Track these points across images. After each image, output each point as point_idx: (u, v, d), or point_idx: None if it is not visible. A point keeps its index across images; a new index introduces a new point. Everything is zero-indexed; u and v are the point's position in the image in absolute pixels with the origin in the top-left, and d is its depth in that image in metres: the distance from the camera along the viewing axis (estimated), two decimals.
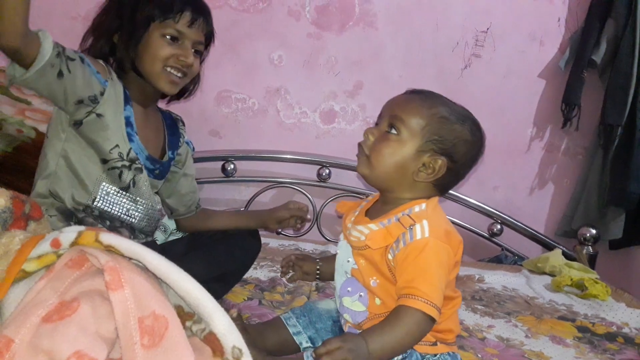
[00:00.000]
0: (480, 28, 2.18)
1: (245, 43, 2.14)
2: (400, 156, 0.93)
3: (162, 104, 1.34)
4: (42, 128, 1.53)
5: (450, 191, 2.12)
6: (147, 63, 1.15)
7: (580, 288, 1.75)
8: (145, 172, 1.21)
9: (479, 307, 1.54)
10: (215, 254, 1.25)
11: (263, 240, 1.42)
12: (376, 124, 0.98)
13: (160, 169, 1.27)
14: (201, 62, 1.24)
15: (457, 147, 0.93)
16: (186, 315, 0.63)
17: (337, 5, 2.15)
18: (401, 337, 0.84)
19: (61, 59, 1.03)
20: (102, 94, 1.11)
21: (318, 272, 1.14)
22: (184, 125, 1.40)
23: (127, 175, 1.17)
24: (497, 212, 2.16)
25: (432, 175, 0.93)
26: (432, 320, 0.85)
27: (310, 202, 2.10)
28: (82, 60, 1.08)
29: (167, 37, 1.14)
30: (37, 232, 0.71)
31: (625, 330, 1.48)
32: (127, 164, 1.16)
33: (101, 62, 1.15)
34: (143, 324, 0.57)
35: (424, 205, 0.93)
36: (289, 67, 2.17)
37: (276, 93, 2.19)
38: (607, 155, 2.13)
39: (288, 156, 2.13)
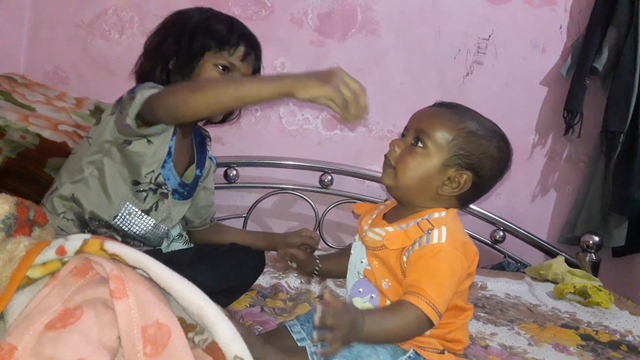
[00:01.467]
0: (482, 35, 2.19)
1: None
2: (425, 169, 0.93)
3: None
4: (46, 134, 1.53)
5: None
6: None
7: (583, 295, 1.75)
8: (170, 197, 1.22)
9: (482, 314, 1.54)
10: (221, 267, 1.25)
11: None
12: (402, 135, 0.98)
13: (188, 190, 1.29)
14: None
15: (483, 162, 0.94)
16: (188, 327, 0.63)
17: (339, 13, 2.16)
18: (396, 328, 0.83)
19: None
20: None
21: (317, 270, 1.11)
22: (210, 140, 1.41)
23: (151, 199, 1.18)
24: (500, 219, 2.16)
25: (457, 189, 0.94)
26: (430, 323, 0.85)
27: (312, 208, 2.10)
28: None
29: (219, 67, 1.17)
30: (41, 238, 0.71)
31: (629, 338, 1.48)
32: (153, 187, 1.17)
33: None
34: (146, 333, 0.57)
35: (443, 213, 0.94)
36: None
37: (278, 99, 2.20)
38: (610, 162, 2.13)
39: (290, 162, 2.13)
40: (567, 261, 2.03)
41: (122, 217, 1.16)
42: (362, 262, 0.99)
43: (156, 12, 2.01)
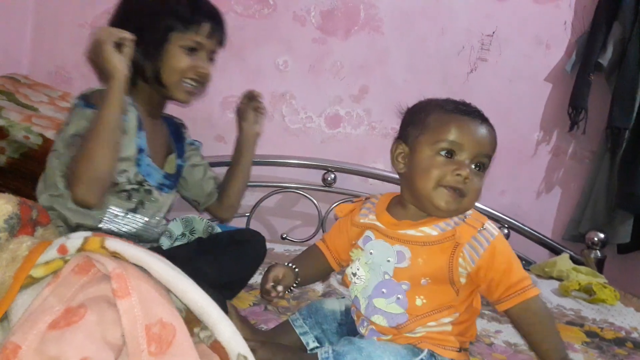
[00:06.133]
0: (486, 32, 2.18)
1: (250, 48, 2.15)
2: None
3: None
4: (49, 134, 1.53)
5: None
6: (164, 74, 1.14)
7: (588, 293, 1.74)
8: (156, 192, 1.20)
9: (486, 312, 1.53)
10: (222, 260, 1.24)
11: (268, 245, 1.41)
12: (447, 151, 0.93)
13: (173, 180, 1.28)
14: None
15: (406, 126, 0.98)
16: (194, 321, 0.63)
17: (342, 10, 2.15)
18: (552, 324, 0.98)
19: None
20: (123, 132, 1.09)
21: (297, 281, 1.06)
22: (186, 129, 1.38)
23: (136, 197, 1.16)
24: (504, 217, 2.15)
25: (407, 161, 0.96)
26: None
27: (316, 206, 2.10)
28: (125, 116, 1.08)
29: (186, 48, 1.13)
30: (44, 237, 0.71)
31: (634, 335, 1.47)
32: (136, 187, 1.14)
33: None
34: (150, 332, 0.57)
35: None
36: (295, 72, 2.18)
37: (281, 98, 2.19)
38: (615, 158, 2.12)
39: (293, 161, 2.13)
40: (572, 258, 2.03)
41: (109, 220, 1.13)
42: (389, 260, 0.94)
43: None
